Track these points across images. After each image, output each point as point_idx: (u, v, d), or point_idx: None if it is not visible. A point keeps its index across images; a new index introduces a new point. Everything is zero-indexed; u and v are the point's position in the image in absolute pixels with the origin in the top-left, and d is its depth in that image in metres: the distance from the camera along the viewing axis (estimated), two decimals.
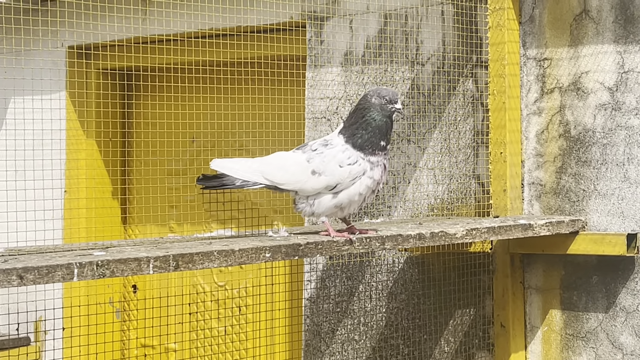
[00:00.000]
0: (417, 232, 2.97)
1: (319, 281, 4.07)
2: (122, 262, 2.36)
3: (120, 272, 2.37)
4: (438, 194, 3.83)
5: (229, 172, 2.79)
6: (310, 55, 4.14)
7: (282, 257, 2.66)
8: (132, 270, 2.39)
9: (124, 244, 2.80)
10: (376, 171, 2.79)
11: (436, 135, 3.84)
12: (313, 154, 2.81)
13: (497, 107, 3.60)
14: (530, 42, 3.62)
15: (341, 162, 2.78)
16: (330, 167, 2.77)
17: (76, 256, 2.39)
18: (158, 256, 2.43)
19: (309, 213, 2.85)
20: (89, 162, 4.91)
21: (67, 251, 2.57)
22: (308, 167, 2.79)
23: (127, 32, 4.28)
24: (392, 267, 3.90)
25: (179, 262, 2.47)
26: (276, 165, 2.81)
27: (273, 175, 2.80)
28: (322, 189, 2.79)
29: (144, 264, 2.40)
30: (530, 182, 3.62)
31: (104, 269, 2.33)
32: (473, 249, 3.65)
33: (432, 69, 3.84)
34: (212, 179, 2.82)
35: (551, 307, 3.58)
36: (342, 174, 2.77)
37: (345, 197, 2.80)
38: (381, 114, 2.78)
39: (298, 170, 2.79)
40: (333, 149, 2.80)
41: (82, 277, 2.28)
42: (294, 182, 2.79)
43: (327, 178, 2.78)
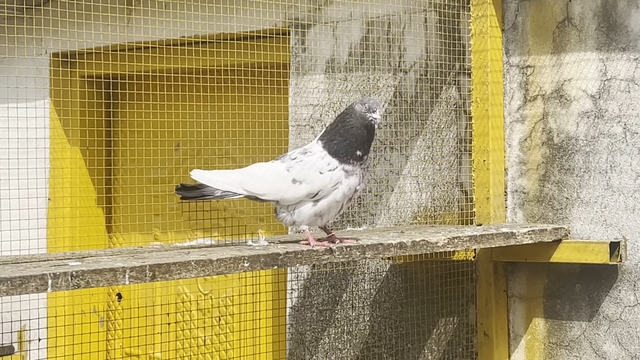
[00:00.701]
0: (399, 241, 2.96)
1: (302, 290, 4.06)
2: (97, 272, 2.34)
3: (96, 282, 2.35)
4: (422, 202, 3.82)
5: (208, 182, 2.78)
6: (294, 62, 4.13)
7: (260, 266, 2.65)
8: (107, 280, 2.37)
9: (102, 253, 2.78)
10: (352, 179, 2.78)
11: (419, 142, 3.83)
12: (292, 162, 2.80)
13: (480, 114, 3.59)
14: (513, 49, 3.61)
15: (321, 169, 2.77)
16: (310, 174, 2.76)
17: (51, 266, 2.37)
18: (134, 266, 2.41)
19: (290, 222, 2.84)
20: (73, 169, 4.89)
21: (42, 261, 2.55)
22: (288, 176, 2.78)
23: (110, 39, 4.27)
24: (376, 276, 3.88)
25: (156, 272, 2.45)
26: (255, 176, 2.80)
27: (253, 186, 2.79)
28: (304, 197, 2.78)
29: (120, 275, 2.38)
30: (514, 190, 3.61)
31: (78, 279, 2.31)
32: (456, 257, 3.64)
33: (415, 76, 3.84)
34: (191, 189, 2.80)
35: (535, 315, 3.57)
36: (323, 180, 2.76)
37: (325, 205, 2.79)
38: (359, 122, 2.77)
39: (278, 180, 2.78)
40: (312, 156, 2.79)
41: (56, 287, 2.26)
42: (274, 192, 2.79)
43: (308, 186, 2.77)
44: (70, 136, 4.87)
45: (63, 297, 4.56)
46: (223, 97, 3.99)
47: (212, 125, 3.95)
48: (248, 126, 3.98)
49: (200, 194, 2.79)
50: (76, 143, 4.89)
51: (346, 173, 2.77)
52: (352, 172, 2.77)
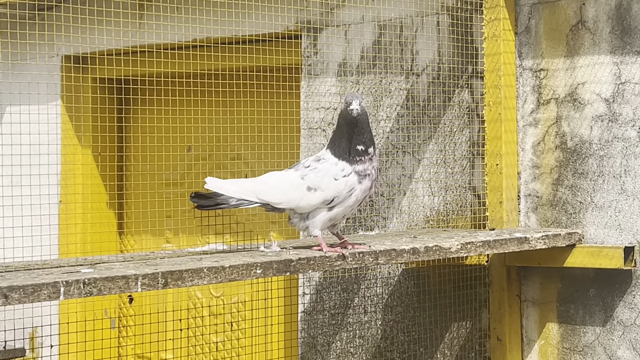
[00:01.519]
0: (411, 247, 2.94)
1: (314, 293, 4.05)
2: (109, 280, 2.34)
3: (108, 290, 2.34)
4: (434, 206, 3.81)
5: (223, 191, 2.79)
6: (306, 65, 4.12)
7: (273, 273, 2.64)
8: (119, 288, 2.36)
9: (114, 259, 2.77)
10: (365, 183, 2.78)
11: (432, 146, 3.81)
12: (306, 170, 2.80)
13: (492, 118, 3.57)
14: (527, 52, 3.59)
15: (335, 175, 2.77)
16: (325, 181, 2.76)
17: (63, 274, 2.36)
18: (146, 274, 2.40)
19: (303, 227, 2.84)
20: (84, 171, 4.89)
21: (54, 268, 2.55)
22: (302, 184, 2.78)
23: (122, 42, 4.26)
24: (388, 280, 3.87)
25: (168, 279, 2.44)
26: (270, 185, 2.80)
27: (267, 195, 2.80)
28: (319, 205, 2.78)
29: (132, 282, 2.38)
30: (527, 194, 3.59)
31: (90, 287, 2.31)
32: (469, 262, 3.63)
33: (428, 79, 3.82)
34: (206, 197, 2.80)
35: (548, 320, 3.55)
36: (337, 187, 2.76)
37: (340, 211, 2.80)
38: (344, 118, 2.77)
39: (292, 189, 2.78)
40: (326, 163, 2.79)
41: (68, 295, 2.25)
42: (289, 201, 2.79)
43: (323, 193, 2.77)
44: (81, 139, 4.87)
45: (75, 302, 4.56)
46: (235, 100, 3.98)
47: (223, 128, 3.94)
48: (260, 129, 3.97)
49: (215, 203, 2.79)
50: (88, 146, 4.89)
51: (359, 177, 2.76)
52: (364, 174, 2.77)
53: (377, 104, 3.95)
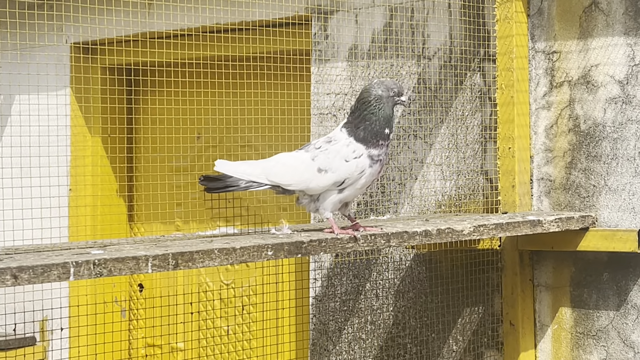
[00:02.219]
0: (424, 229, 2.92)
1: (325, 279, 4.02)
2: (119, 260, 2.32)
3: (118, 271, 2.32)
4: (446, 191, 3.78)
5: (232, 173, 2.76)
6: (316, 50, 4.09)
7: (284, 255, 2.62)
8: (130, 269, 2.34)
9: (124, 242, 2.75)
10: (375, 167, 2.77)
11: (443, 130, 3.78)
12: (317, 151, 2.77)
13: (505, 101, 3.54)
14: (539, 34, 3.56)
15: (347, 157, 2.74)
16: (336, 163, 2.74)
17: (73, 255, 2.34)
18: (157, 254, 2.38)
19: (313, 209, 2.82)
20: (94, 159, 4.88)
21: (64, 250, 2.52)
22: (313, 166, 2.75)
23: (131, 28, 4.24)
24: (399, 265, 3.84)
25: (179, 260, 2.42)
26: (280, 166, 2.78)
27: (277, 176, 2.77)
28: (330, 186, 2.76)
29: (142, 263, 2.35)
30: (540, 178, 3.56)
31: (101, 267, 2.28)
32: (481, 246, 3.60)
33: (439, 63, 3.79)
34: (215, 180, 2.78)
35: (561, 304, 3.52)
36: (349, 168, 2.73)
37: (351, 192, 2.77)
38: (387, 106, 2.76)
39: (303, 170, 2.75)
40: (337, 144, 2.76)
41: (78, 276, 2.23)
42: (299, 182, 2.76)
43: (334, 175, 2.74)
44: (91, 126, 4.86)
45: (85, 286, 4.55)
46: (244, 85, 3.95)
47: (233, 114, 3.92)
48: (270, 115, 3.95)
49: (224, 185, 2.77)
50: (97, 133, 4.87)
51: (371, 160, 2.74)
52: (377, 158, 2.75)
53: None
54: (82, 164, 4.89)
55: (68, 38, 4.80)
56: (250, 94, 4.07)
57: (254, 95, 4.11)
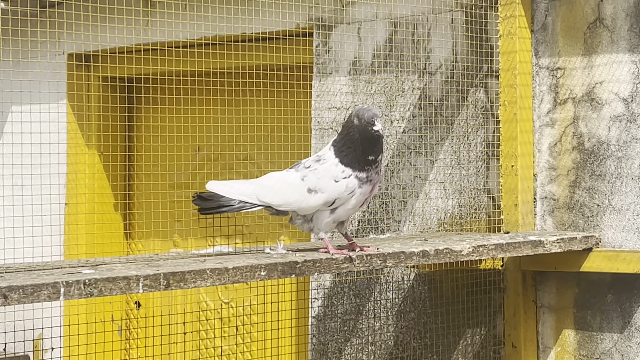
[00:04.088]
0: (421, 250, 3.02)
1: (325, 299, 4.13)
2: (110, 280, 2.43)
3: (109, 291, 2.43)
4: (448, 209, 3.88)
5: (224, 194, 2.85)
6: (317, 63, 4.20)
7: (278, 275, 2.72)
8: (120, 289, 2.45)
9: (116, 261, 2.87)
10: (365, 187, 2.85)
11: (446, 147, 3.89)
12: (307, 171, 2.86)
13: (508, 118, 3.64)
14: (543, 50, 3.66)
15: (336, 177, 2.83)
16: (325, 183, 2.83)
17: (64, 274, 2.46)
18: (148, 274, 2.49)
19: (307, 229, 2.92)
20: (90, 173, 4.98)
21: (56, 269, 2.64)
22: (303, 186, 2.84)
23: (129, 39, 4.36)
24: (401, 285, 3.95)
25: (170, 280, 2.53)
26: (270, 187, 2.87)
27: (268, 197, 2.86)
28: (321, 207, 2.85)
29: (134, 283, 2.47)
30: (543, 197, 3.66)
31: (91, 287, 2.40)
32: (484, 266, 3.70)
33: (442, 78, 3.90)
34: (208, 200, 2.87)
35: (564, 326, 3.61)
36: (338, 188, 2.83)
37: (342, 212, 2.87)
38: (363, 135, 2.81)
39: (293, 190, 2.85)
40: (326, 164, 2.85)
41: (68, 296, 2.35)
42: (290, 203, 2.86)
43: (324, 195, 2.84)
44: (87, 139, 4.96)
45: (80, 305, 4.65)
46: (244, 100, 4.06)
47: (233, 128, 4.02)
48: (270, 130, 4.05)
49: (217, 205, 2.86)
50: (94, 146, 4.98)
51: (360, 182, 2.83)
52: (365, 180, 2.83)
53: (390, 104, 4.03)
54: (78, 178, 5.00)
55: (65, 48, 4.91)
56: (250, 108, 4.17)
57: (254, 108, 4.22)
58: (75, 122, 4.97)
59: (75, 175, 4.97)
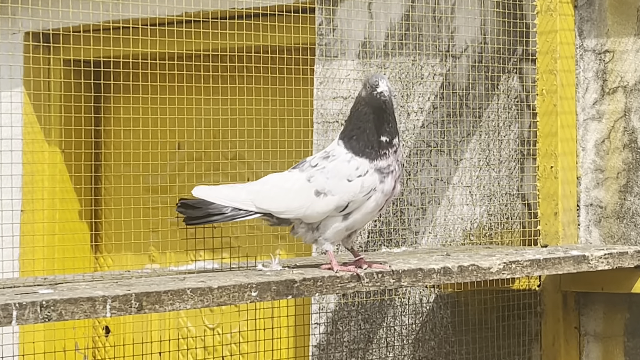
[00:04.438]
0: (442, 266, 3.01)
1: (329, 324, 4.12)
2: (72, 302, 2.42)
3: (70, 314, 2.42)
4: (475, 218, 3.87)
5: (214, 200, 2.84)
6: (320, 45, 4.19)
7: (272, 296, 2.71)
8: (84, 312, 2.44)
9: (80, 279, 2.86)
10: (387, 182, 2.83)
11: (473, 144, 3.88)
12: (313, 170, 2.85)
13: (547, 110, 3.63)
14: (589, 30, 3.65)
15: (349, 176, 2.82)
16: (336, 183, 2.81)
17: (17, 295, 2.45)
18: (117, 295, 2.48)
19: (311, 240, 2.90)
20: (50, 175, 4.97)
21: (7, 288, 2.63)
22: (310, 188, 2.83)
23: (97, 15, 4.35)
24: (419, 308, 3.94)
25: (143, 302, 2.52)
26: (270, 191, 2.85)
27: (267, 202, 2.84)
28: (331, 212, 2.84)
29: (99, 305, 2.46)
30: (588, 204, 3.65)
31: (49, 310, 2.39)
32: (517, 286, 3.69)
33: (469, 63, 3.89)
34: (195, 207, 2.85)
35: (613, 357, 3.60)
36: (352, 189, 2.81)
37: (358, 218, 2.85)
38: (368, 104, 2.81)
39: (297, 194, 2.83)
40: (336, 161, 2.84)
41: (22, 321, 2.34)
42: (295, 209, 2.84)
43: (335, 198, 2.82)
44: (47, 134, 4.95)
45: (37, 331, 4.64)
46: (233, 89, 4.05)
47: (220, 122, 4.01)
48: (264, 123, 4.04)
49: (206, 214, 2.84)
50: (55, 143, 4.97)
51: (380, 175, 2.81)
52: (387, 171, 2.81)
53: (407, 93, 4.02)
54: (37, 178, 4.99)
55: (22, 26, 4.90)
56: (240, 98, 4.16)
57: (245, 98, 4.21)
58: (32, 113, 4.96)
59: (33, 177, 4.96)
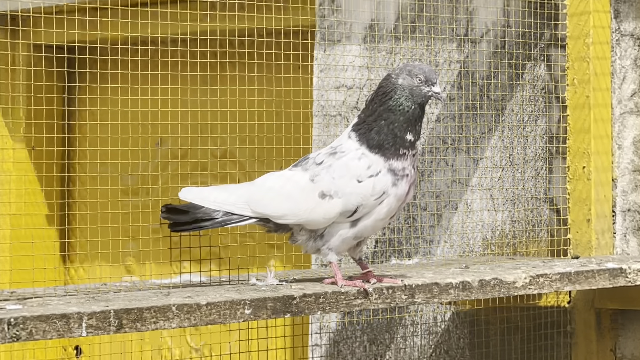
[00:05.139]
0: (461, 280, 3.01)
1: (330, 345, 4.12)
2: (43, 320, 2.42)
3: (42, 333, 2.43)
4: (497, 225, 3.87)
5: (204, 203, 2.83)
6: (321, 28, 4.19)
7: (267, 314, 2.72)
8: (57, 331, 2.45)
9: (51, 292, 2.86)
10: (401, 186, 2.82)
11: (494, 141, 3.88)
12: (318, 169, 2.84)
13: (578, 103, 3.64)
14: (626, 12, 3.66)
15: (359, 175, 2.81)
16: (344, 183, 2.81)
17: None
18: (94, 312, 2.49)
19: (313, 249, 2.89)
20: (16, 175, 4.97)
21: None
22: (313, 189, 2.82)
23: None
24: (433, 327, 3.94)
25: (123, 320, 2.53)
26: (268, 192, 2.85)
27: (265, 205, 2.83)
28: (337, 217, 2.83)
29: (74, 323, 2.46)
30: (625, 209, 3.66)
31: (18, 329, 2.39)
32: (544, 303, 3.69)
33: (489, 48, 3.89)
34: (182, 212, 2.85)
35: None
36: (362, 191, 2.80)
37: (368, 225, 2.85)
38: (411, 100, 2.82)
39: (300, 196, 2.82)
40: (344, 158, 2.83)
41: None
42: (295, 213, 2.83)
43: (342, 200, 2.81)
44: (13, 130, 4.95)
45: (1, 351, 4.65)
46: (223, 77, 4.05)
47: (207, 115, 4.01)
48: (257, 117, 4.04)
49: (194, 219, 2.84)
50: (21, 139, 4.97)
51: (394, 177, 2.80)
52: (401, 173, 2.81)
53: None
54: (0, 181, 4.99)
55: None
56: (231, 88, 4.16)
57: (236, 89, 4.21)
58: None
59: None
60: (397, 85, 2.83)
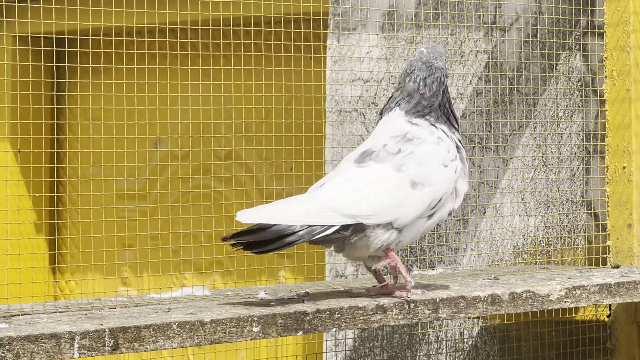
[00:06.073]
0: (490, 293, 3.01)
1: None
2: (31, 340, 2.42)
3: (29, 355, 2.43)
4: (529, 231, 3.87)
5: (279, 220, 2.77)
6: (335, 15, 4.19)
7: (277, 332, 2.72)
8: (47, 352, 2.45)
9: (40, 309, 2.86)
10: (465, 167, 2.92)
11: (526, 139, 3.88)
12: (399, 157, 2.83)
13: (618, 96, 3.63)
14: None
15: (444, 160, 2.84)
16: (432, 170, 2.83)
17: None
18: (87, 331, 2.49)
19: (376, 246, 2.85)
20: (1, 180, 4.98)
21: None
22: (403, 180, 2.83)
23: None
24: (459, 344, 3.94)
25: (119, 340, 2.53)
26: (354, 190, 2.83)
27: (354, 206, 2.81)
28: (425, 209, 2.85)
29: (65, 344, 2.46)
30: None
31: (3, 350, 2.39)
32: (582, 317, 3.69)
33: (520, 37, 3.88)
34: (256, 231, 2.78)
35: None
36: (448, 178, 2.85)
37: (437, 219, 2.90)
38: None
39: (389, 189, 2.82)
40: (423, 143, 2.85)
41: None
42: (387, 209, 2.82)
43: (432, 189, 2.83)
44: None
45: None
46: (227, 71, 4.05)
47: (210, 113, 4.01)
48: (265, 114, 4.04)
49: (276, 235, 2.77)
50: (7, 141, 4.97)
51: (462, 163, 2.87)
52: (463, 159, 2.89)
53: None
54: None
55: None
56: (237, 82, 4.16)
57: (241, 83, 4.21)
58: None
59: None
60: (442, 70, 2.94)
